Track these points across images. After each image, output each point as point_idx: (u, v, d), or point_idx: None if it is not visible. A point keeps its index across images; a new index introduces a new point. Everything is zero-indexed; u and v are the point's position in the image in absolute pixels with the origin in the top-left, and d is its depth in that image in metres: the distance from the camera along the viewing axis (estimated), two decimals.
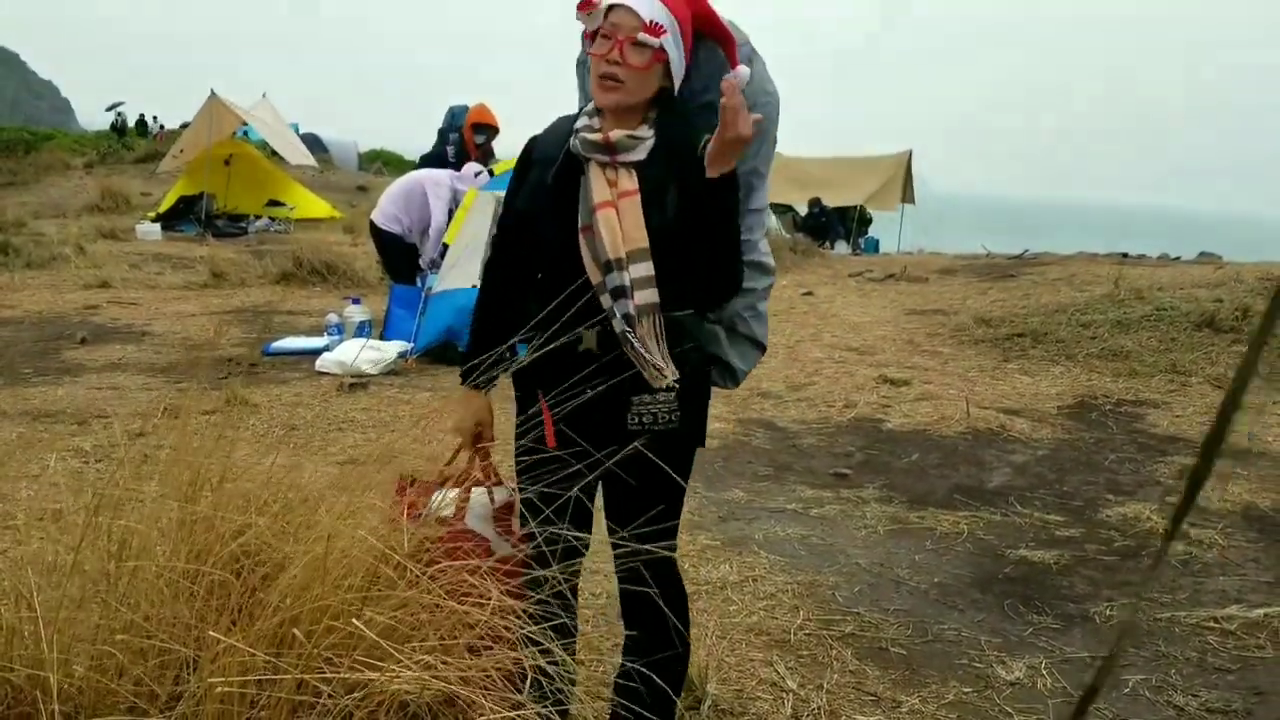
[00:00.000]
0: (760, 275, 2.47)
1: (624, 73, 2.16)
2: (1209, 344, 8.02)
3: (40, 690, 1.87)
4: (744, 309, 2.46)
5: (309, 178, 22.01)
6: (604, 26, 2.17)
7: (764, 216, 2.48)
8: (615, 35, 2.15)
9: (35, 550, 2.19)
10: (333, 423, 6.01)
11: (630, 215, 2.20)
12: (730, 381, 2.53)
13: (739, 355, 2.49)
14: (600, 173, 2.24)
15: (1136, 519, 4.75)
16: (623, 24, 2.15)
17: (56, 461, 4.91)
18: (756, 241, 2.44)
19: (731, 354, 2.47)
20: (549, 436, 2.34)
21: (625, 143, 2.22)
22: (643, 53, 2.16)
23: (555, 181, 2.29)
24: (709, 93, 2.28)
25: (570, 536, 2.23)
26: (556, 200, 2.28)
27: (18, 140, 29.55)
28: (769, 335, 2.58)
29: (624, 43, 2.15)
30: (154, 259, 13.08)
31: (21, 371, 7.06)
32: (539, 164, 2.36)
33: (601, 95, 2.21)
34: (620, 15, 2.16)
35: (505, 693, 1.96)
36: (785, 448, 5.88)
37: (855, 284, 12.87)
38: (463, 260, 7.70)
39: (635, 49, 2.15)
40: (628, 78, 2.17)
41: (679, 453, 2.36)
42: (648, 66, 2.18)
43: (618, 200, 2.21)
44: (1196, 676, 3.30)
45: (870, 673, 3.28)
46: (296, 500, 2.29)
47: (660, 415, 2.29)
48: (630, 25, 2.15)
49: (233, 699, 1.87)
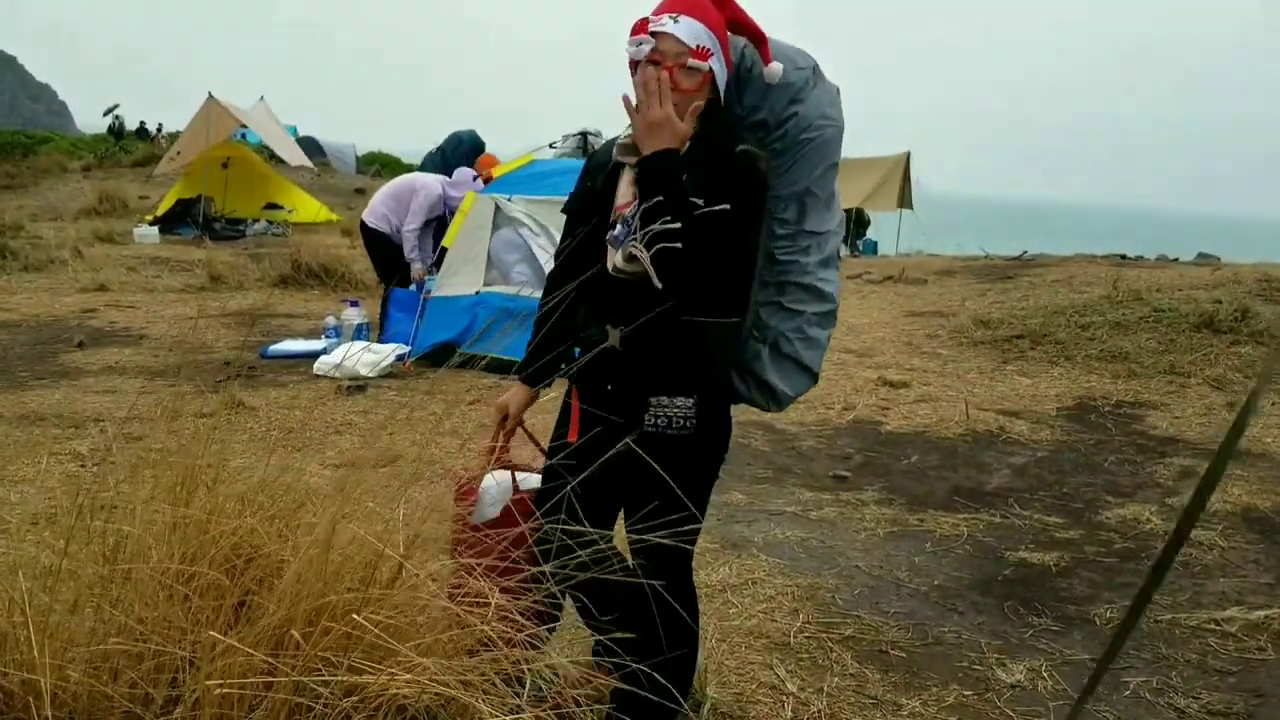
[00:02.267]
0: (811, 299, 2.46)
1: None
2: (1208, 345, 8.01)
3: (34, 695, 1.86)
4: (790, 330, 2.46)
5: (307, 181, 22.00)
6: (653, 54, 2.21)
7: (824, 241, 2.45)
8: (664, 62, 2.21)
9: (29, 554, 2.17)
10: (330, 425, 6.00)
11: None
12: (773, 403, 2.52)
13: (781, 376, 2.48)
14: (630, 176, 2.29)
15: (1136, 520, 4.74)
16: (669, 51, 2.21)
17: (53, 465, 4.90)
18: (808, 264, 2.43)
19: (772, 373, 2.47)
20: (573, 429, 2.42)
21: None
22: (692, 76, 2.22)
23: (603, 184, 2.39)
24: (759, 112, 2.37)
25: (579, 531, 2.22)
26: (598, 203, 2.39)
27: (15, 143, 29.53)
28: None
29: (673, 69, 2.20)
30: (151, 262, 13.06)
31: (19, 375, 7.04)
32: (591, 172, 2.48)
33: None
34: (667, 43, 2.21)
35: (505, 695, 1.95)
36: (784, 450, 5.86)
37: (854, 286, 12.86)
38: (462, 265, 7.69)
39: (685, 74, 2.22)
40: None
41: (695, 459, 2.38)
42: (698, 89, 2.24)
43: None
44: (1197, 678, 3.29)
45: (871, 675, 3.27)
46: (293, 503, 2.27)
47: (675, 420, 2.32)
48: (676, 51, 2.20)
49: (230, 701, 1.85)
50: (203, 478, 2.23)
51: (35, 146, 29.62)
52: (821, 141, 2.37)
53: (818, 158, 2.38)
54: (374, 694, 1.87)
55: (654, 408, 2.32)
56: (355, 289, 10.89)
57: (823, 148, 2.38)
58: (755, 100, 2.37)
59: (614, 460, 2.23)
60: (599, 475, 2.24)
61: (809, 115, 2.35)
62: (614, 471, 2.24)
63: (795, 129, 2.36)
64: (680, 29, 2.20)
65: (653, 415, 2.32)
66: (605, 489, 2.33)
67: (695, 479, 2.39)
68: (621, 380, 2.35)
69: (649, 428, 2.32)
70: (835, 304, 2.50)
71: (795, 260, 2.41)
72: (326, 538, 2.01)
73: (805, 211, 2.41)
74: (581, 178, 2.52)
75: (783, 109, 2.36)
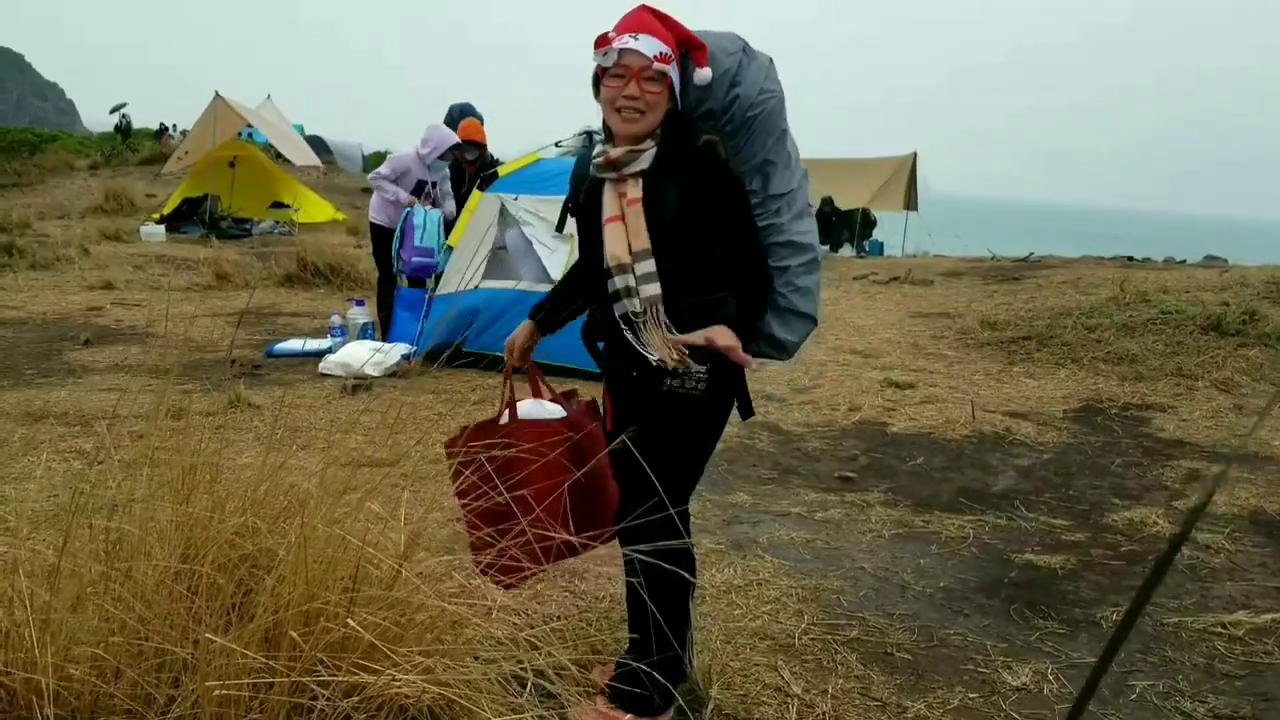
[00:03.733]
0: (793, 253, 2.69)
1: (644, 103, 2.51)
2: (1215, 347, 7.98)
3: (36, 694, 1.85)
4: (782, 285, 2.70)
5: (313, 179, 22.02)
6: (616, 67, 2.50)
7: (792, 199, 2.68)
8: (629, 73, 2.49)
9: (30, 553, 2.16)
10: (336, 424, 5.99)
11: (635, 221, 2.54)
12: (783, 352, 2.80)
13: (784, 328, 2.75)
14: (612, 189, 2.60)
15: (1143, 523, 4.71)
16: (633, 64, 2.49)
17: (58, 463, 4.89)
18: (783, 224, 2.67)
19: (777, 327, 2.74)
20: (607, 419, 2.81)
21: (626, 158, 2.55)
22: (658, 82, 2.51)
23: (585, 198, 2.70)
24: (705, 104, 2.64)
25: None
26: (585, 213, 2.71)
27: (23, 142, 29.60)
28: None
29: (639, 78, 2.49)
30: (158, 260, 13.08)
31: (25, 372, 7.05)
32: (573, 185, 2.77)
33: (626, 126, 2.53)
34: (630, 57, 2.49)
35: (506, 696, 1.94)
36: (790, 451, 5.85)
37: (860, 287, 12.84)
38: (466, 264, 7.68)
39: (650, 81, 2.50)
40: (648, 107, 2.51)
41: (699, 417, 2.66)
42: (662, 93, 2.52)
43: (626, 208, 2.56)
44: (1204, 682, 3.27)
45: (875, 678, 3.25)
46: (294, 502, 2.27)
47: (689, 381, 2.59)
48: (641, 63, 2.48)
49: (229, 701, 1.84)
50: (203, 476, 2.22)
51: (43, 144, 29.67)
52: (766, 114, 2.61)
53: (767, 130, 2.63)
54: (375, 694, 1.86)
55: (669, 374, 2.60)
56: (361, 288, 10.89)
57: (769, 119, 2.62)
58: (700, 95, 2.60)
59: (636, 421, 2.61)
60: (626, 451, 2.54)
61: (749, 94, 2.59)
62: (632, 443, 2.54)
63: (740, 110, 2.60)
64: (641, 45, 2.48)
65: (668, 380, 2.60)
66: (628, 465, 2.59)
67: (696, 434, 2.69)
68: (643, 366, 2.58)
69: (664, 388, 2.60)
70: (816, 251, 2.74)
71: (770, 223, 2.66)
72: (324, 537, 2.01)
73: (769, 179, 2.66)
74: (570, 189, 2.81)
75: (725, 95, 2.60)
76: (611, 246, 2.56)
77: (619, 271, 2.55)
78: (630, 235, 2.54)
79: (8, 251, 12.42)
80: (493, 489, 2.56)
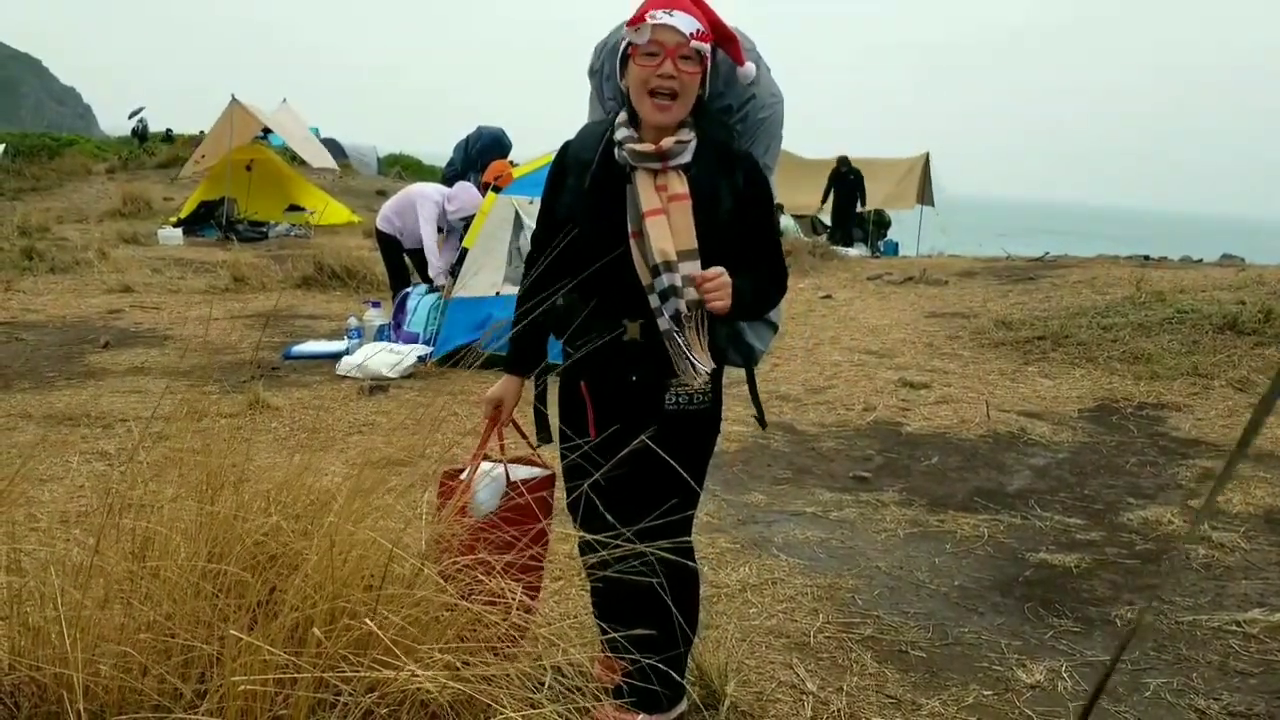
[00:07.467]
0: None
1: (678, 84, 2.34)
2: (1231, 346, 7.96)
3: (66, 689, 1.89)
4: None
5: (329, 182, 22.12)
6: (649, 44, 2.34)
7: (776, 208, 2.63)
8: (664, 50, 2.33)
9: (60, 552, 2.21)
10: (353, 425, 6.05)
11: (681, 218, 2.37)
12: (749, 361, 2.73)
13: (757, 336, 2.71)
14: (649, 180, 2.39)
15: (1157, 522, 4.72)
16: (668, 40, 2.33)
17: (81, 464, 4.96)
18: None
19: (750, 335, 2.69)
20: (590, 426, 2.54)
21: (676, 149, 2.38)
22: (694, 62, 2.35)
23: (594, 186, 2.45)
24: (724, 98, 2.54)
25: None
26: (597, 205, 2.44)
27: (41, 146, 29.82)
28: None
29: (674, 56, 2.33)
30: (175, 264, 13.18)
31: (46, 375, 7.13)
32: (573, 171, 2.51)
33: (657, 115, 2.37)
34: (665, 33, 2.33)
35: (526, 692, 1.98)
36: (804, 451, 5.87)
37: (874, 286, 12.83)
38: (482, 266, 7.73)
39: (686, 61, 2.34)
40: (682, 89, 2.35)
41: (710, 432, 2.60)
42: (697, 75, 2.37)
43: (668, 204, 2.37)
44: (1218, 680, 3.28)
45: (890, 675, 3.27)
46: (317, 502, 2.31)
47: (695, 396, 2.50)
48: (676, 40, 2.32)
49: (255, 697, 1.88)
50: (228, 477, 2.26)
51: (61, 149, 29.89)
52: (773, 119, 2.59)
53: (770, 134, 2.60)
54: (396, 690, 1.90)
55: (675, 387, 2.48)
56: (377, 290, 10.95)
57: (773, 124, 2.60)
58: (720, 87, 2.52)
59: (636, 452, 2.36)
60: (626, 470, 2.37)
61: (763, 96, 2.56)
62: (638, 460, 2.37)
63: (754, 110, 2.57)
64: (677, 20, 2.33)
65: (673, 394, 2.48)
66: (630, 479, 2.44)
67: (707, 450, 2.61)
68: (645, 370, 2.45)
69: (670, 408, 2.48)
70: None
71: None
72: (347, 536, 2.04)
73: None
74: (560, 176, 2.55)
75: (743, 92, 2.54)
76: (660, 242, 2.34)
77: (667, 270, 2.34)
78: (674, 232, 2.36)
79: (28, 255, 12.54)
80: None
